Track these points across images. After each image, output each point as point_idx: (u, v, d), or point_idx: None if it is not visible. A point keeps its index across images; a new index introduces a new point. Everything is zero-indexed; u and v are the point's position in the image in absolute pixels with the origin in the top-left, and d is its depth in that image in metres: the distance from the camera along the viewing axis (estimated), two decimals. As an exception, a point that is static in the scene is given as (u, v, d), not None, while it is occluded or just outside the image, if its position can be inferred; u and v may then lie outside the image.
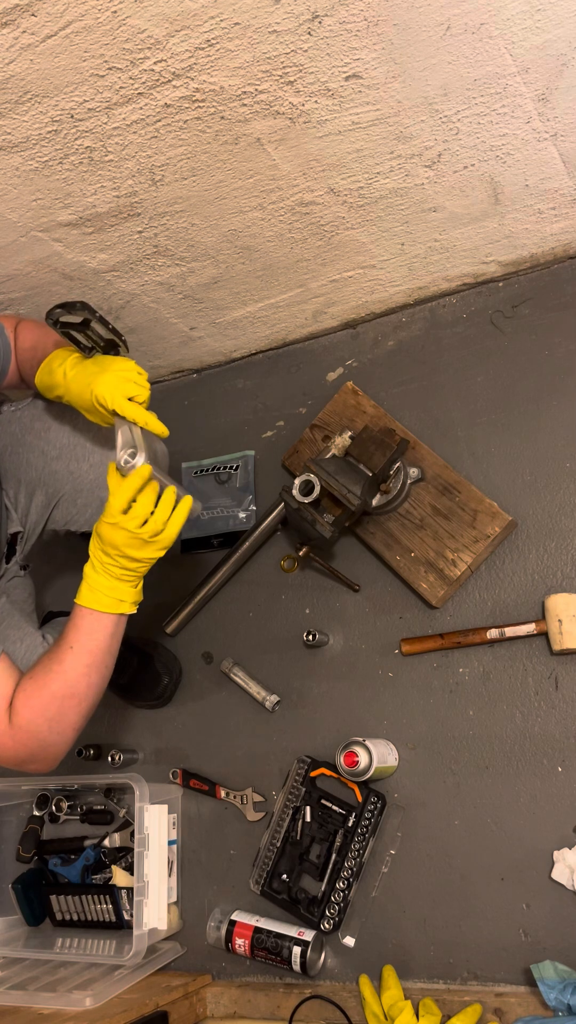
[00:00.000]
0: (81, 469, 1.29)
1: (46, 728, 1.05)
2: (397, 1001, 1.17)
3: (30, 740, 1.05)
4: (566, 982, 1.09)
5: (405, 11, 0.90)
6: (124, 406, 1.05)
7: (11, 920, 1.55)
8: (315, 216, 1.25)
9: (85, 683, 1.07)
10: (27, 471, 1.29)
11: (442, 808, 1.29)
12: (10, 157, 1.06)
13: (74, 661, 1.06)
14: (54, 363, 1.13)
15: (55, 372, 1.12)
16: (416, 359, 1.50)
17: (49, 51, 0.90)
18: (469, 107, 1.05)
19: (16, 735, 1.04)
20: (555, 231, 1.33)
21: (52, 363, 1.13)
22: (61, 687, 1.05)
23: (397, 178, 1.18)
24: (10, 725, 1.04)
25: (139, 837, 1.35)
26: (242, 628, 1.54)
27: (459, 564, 1.31)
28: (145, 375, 1.09)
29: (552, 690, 1.25)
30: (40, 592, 1.53)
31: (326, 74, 0.98)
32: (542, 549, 1.31)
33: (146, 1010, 1.21)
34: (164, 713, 1.56)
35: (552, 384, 1.36)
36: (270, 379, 1.66)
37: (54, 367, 1.12)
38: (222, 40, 0.91)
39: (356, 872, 1.29)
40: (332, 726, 1.40)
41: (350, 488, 1.28)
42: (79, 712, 1.08)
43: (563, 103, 1.06)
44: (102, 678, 1.09)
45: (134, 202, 1.17)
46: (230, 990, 1.34)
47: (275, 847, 1.36)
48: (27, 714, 1.04)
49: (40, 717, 1.05)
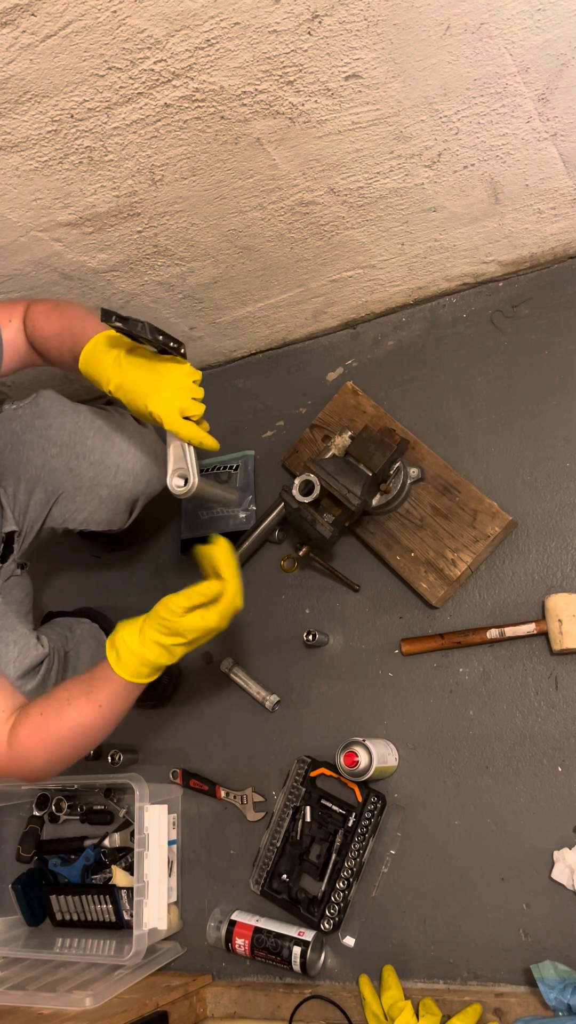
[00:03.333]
0: (81, 467, 1.28)
1: (42, 761, 1.06)
2: (397, 1001, 1.17)
3: (24, 766, 1.06)
4: (566, 982, 1.09)
5: (405, 11, 0.90)
6: (179, 426, 1.04)
7: (11, 920, 1.55)
8: (315, 216, 1.25)
9: (95, 738, 1.08)
10: (27, 468, 1.28)
11: (442, 808, 1.29)
12: (10, 157, 1.06)
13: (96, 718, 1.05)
14: (101, 353, 1.08)
15: (104, 364, 1.08)
16: (416, 359, 1.50)
17: (49, 51, 0.90)
18: (469, 107, 1.05)
19: (12, 758, 1.04)
20: (555, 231, 1.33)
21: (99, 352, 1.09)
22: (71, 734, 1.05)
23: (397, 178, 1.18)
24: (8, 747, 1.04)
25: (139, 837, 1.35)
26: (242, 628, 1.54)
27: (459, 564, 1.31)
28: (199, 377, 1.08)
29: (552, 690, 1.25)
30: (39, 591, 1.53)
31: (326, 74, 0.98)
32: (542, 549, 1.31)
33: (146, 1010, 1.21)
34: (164, 713, 1.56)
35: (552, 384, 1.36)
36: (270, 379, 1.66)
37: (102, 358, 1.08)
38: (222, 40, 0.91)
39: (356, 872, 1.29)
40: (332, 726, 1.40)
41: (350, 488, 1.28)
42: (78, 755, 1.09)
43: (563, 103, 1.06)
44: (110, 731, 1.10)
45: (134, 202, 1.17)
46: (230, 990, 1.34)
47: (275, 847, 1.36)
48: (29, 744, 1.04)
49: (41, 751, 1.05)
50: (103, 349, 1.08)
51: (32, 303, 1.18)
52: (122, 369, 1.07)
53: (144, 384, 1.05)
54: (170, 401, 1.04)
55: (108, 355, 1.08)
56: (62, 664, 1.30)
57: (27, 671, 1.17)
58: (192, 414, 1.06)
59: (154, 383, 1.05)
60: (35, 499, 1.30)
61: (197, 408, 1.06)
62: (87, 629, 1.49)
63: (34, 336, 1.16)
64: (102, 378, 1.08)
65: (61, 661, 1.30)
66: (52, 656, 1.25)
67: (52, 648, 1.25)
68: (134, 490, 1.32)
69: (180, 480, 1.07)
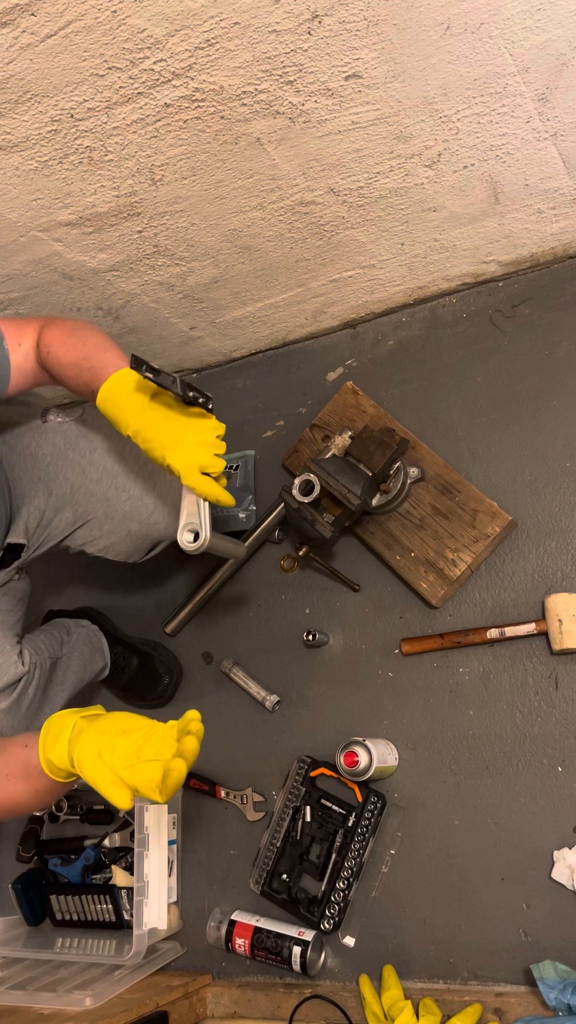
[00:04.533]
0: (119, 498, 1.26)
1: None
2: (397, 1001, 1.17)
3: None
4: (566, 982, 1.09)
5: (405, 11, 0.90)
6: (196, 481, 1.01)
7: (11, 920, 1.55)
8: (315, 216, 1.25)
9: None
10: (61, 485, 1.26)
11: (442, 808, 1.29)
12: (10, 157, 1.06)
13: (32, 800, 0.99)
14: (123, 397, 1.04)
15: (124, 407, 1.04)
16: (416, 359, 1.50)
17: (49, 51, 0.90)
18: (469, 107, 1.05)
19: None
20: (555, 231, 1.33)
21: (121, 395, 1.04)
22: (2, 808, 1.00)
23: (397, 178, 1.18)
24: None
25: (139, 837, 1.35)
26: (242, 628, 1.54)
27: (459, 564, 1.31)
28: (223, 431, 1.04)
29: (552, 690, 1.25)
30: (39, 591, 1.53)
31: (326, 74, 0.98)
32: (542, 549, 1.31)
33: (146, 1010, 1.21)
34: (164, 713, 1.56)
35: (552, 384, 1.36)
36: (270, 379, 1.66)
37: (123, 402, 1.04)
38: (222, 40, 0.91)
39: (356, 872, 1.29)
40: (332, 726, 1.40)
41: (350, 488, 1.28)
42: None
43: (563, 103, 1.06)
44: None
45: (134, 202, 1.17)
46: (230, 990, 1.34)
47: (275, 847, 1.36)
48: None
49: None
50: (126, 392, 1.04)
51: (46, 325, 1.13)
52: (145, 416, 1.03)
53: (166, 436, 1.02)
54: (190, 456, 1.01)
55: (131, 399, 1.04)
56: (45, 677, 1.29)
57: (1, 690, 1.17)
58: (212, 471, 1.02)
59: (176, 436, 1.02)
60: (62, 517, 1.27)
61: (217, 464, 1.03)
62: (84, 634, 1.49)
63: (48, 363, 1.11)
64: (121, 421, 1.04)
65: (44, 674, 1.28)
66: (32, 672, 1.23)
67: (33, 663, 1.24)
68: (163, 533, 1.31)
69: (191, 535, 1.04)
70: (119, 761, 0.89)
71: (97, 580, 1.71)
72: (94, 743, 0.91)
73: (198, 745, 0.89)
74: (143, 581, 1.66)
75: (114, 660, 1.52)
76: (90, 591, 1.71)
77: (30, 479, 1.26)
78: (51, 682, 1.31)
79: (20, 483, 1.26)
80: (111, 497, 1.27)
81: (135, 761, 0.88)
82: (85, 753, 0.90)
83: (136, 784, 0.88)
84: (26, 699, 1.21)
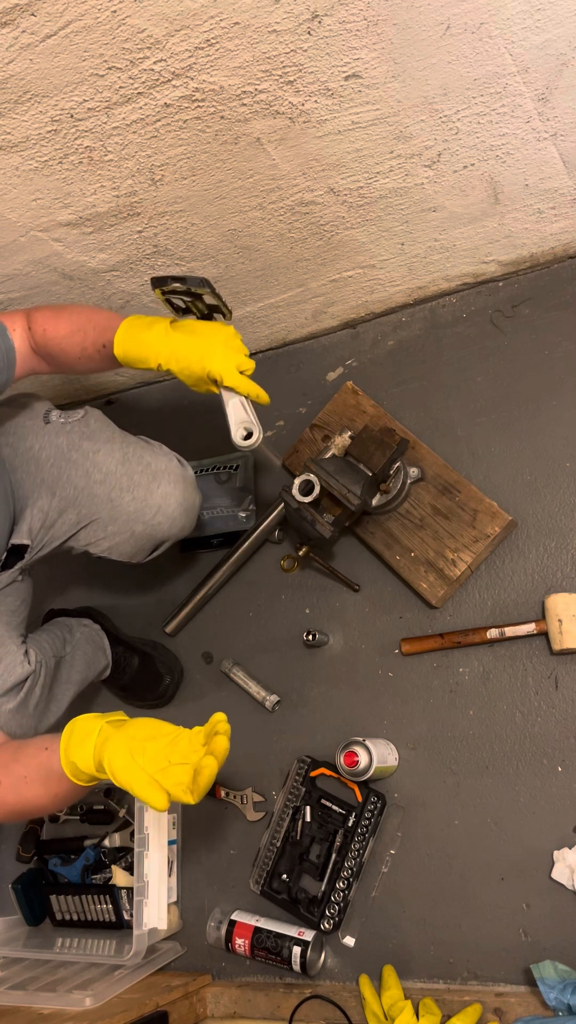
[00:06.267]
0: (123, 500, 1.26)
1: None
2: (397, 1001, 1.17)
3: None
4: (566, 982, 1.09)
5: (405, 11, 0.90)
6: (238, 381, 1.09)
7: (11, 920, 1.55)
8: (315, 216, 1.25)
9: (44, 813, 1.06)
10: (65, 487, 1.26)
11: (442, 808, 1.29)
12: (10, 157, 1.06)
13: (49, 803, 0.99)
14: (141, 332, 1.10)
15: (147, 341, 1.10)
16: (416, 359, 1.50)
17: (49, 51, 0.90)
18: (469, 107, 1.05)
19: None
20: (555, 231, 1.33)
21: (139, 332, 1.11)
22: (18, 808, 1.00)
23: (397, 178, 1.18)
24: None
25: (139, 837, 1.35)
26: (242, 628, 1.54)
27: (459, 564, 1.31)
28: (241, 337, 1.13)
29: (552, 690, 1.25)
30: (40, 590, 1.53)
31: (326, 74, 0.98)
32: (542, 549, 1.31)
33: (146, 1010, 1.21)
34: (165, 713, 1.56)
35: (552, 384, 1.36)
36: (270, 379, 1.65)
37: (143, 336, 1.10)
38: (222, 40, 0.91)
39: (356, 872, 1.29)
40: (332, 726, 1.40)
41: (350, 488, 1.28)
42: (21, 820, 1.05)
43: (563, 103, 1.06)
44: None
45: (134, 202, 1.17)
46: (230, 990, 1.34)
47: (275, 847, 1.36)
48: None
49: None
50: (143, 327, 1.11)
51: (31, 311, 1.17)
52: (171, 339, 1.09)
53: (198, 348, 1.09)
54: (227, 359, 1.08)
55: (151, 331, 1.10)
56: (50, 676, 1.28)
57: (8, 689, 1.16)
58: (246, 369, 1.10)
59: (208, 345, 1.09)
60: (65, 519, 1.27)
61: (250, 363, 1.11)
62: (86, 633, 1.49)
63: (45, 339, 1.15)
64: (149, 354, 1.10)
65: (50, 673, 1.28)
66: (38, 671, 1.23)
67: (39, 662, 1.24)
68: (168, 533, 1.32)
69: (245, 432, 1.11)
70: (150, 764, 0.90)
71: (97, 580, 1.71)
72: (125, 747, 0.91)
73: (228, 744, 0.92)
74: (143, 581, 1.66)
75: (115, 660, 1.52)
76: (90, 591, 1.71)
77: (33, 481, 1.26)
78: (56, 681, 1.31)
79: (24, 485, 1.26)
80: (115, 498, 1.26)
81: (165, 764, 0.90)
82: (117, 756, 0.91)
83: (168, 787, 0.89)
84: (33, 698, 1.21)
